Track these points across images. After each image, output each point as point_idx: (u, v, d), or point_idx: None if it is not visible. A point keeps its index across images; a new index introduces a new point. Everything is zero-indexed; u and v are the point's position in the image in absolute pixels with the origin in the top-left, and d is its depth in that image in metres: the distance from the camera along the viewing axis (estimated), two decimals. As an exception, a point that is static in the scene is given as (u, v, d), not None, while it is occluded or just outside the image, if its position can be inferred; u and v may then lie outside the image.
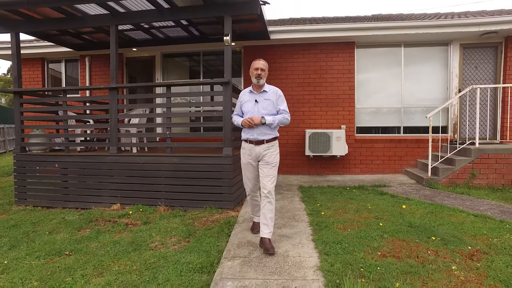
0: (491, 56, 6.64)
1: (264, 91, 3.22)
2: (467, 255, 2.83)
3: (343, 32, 6.46)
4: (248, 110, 3.21)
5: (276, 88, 3.30)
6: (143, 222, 4.06)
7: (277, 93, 3.25)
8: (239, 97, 3.39)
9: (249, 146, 3.21)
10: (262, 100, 3.19)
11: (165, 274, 2.66)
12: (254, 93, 3.24)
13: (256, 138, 3.15)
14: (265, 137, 3.15)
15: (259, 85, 3.22)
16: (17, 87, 5.03)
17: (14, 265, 2.93)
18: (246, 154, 3.26)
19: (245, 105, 3.26)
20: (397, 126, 6.98)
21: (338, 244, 3.08)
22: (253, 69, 3.20)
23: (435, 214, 3.98)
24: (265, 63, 3.25)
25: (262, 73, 3.18)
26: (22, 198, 5.08)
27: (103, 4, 4.38)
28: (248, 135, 3.19)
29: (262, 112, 3.15)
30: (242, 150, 3.31)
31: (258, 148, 3.16)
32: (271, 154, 3.17)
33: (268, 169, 3.14)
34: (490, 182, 5.34)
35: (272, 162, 3.16)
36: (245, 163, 3.30)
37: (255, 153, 3.18)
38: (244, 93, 3.34)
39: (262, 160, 3.18)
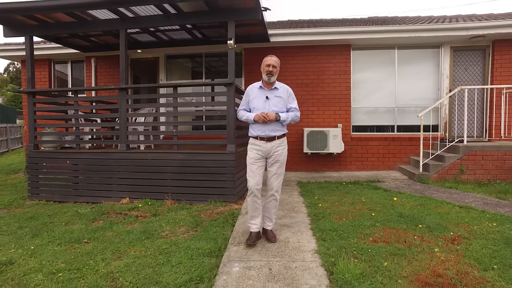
0: (479, 58, 6.98)
1: (275, 88, 3.19)
2: (449, 239, 3.15)
3: (340, 35, 6.78)
4: (257, 107, 3.15)
5: (286, 86, 3.28)
6: (152, 214, 4.35)
7: (288, 91, 3.24)
8: (247, 92, 3.30)
9: (259, 143, 3.16)
10: (273, 97, 3.15)
11: (178, 258, 2.95)
12: (264, 89, 3.19)
13: (267, 135, 3.12)
14: (276, 133, 3.15)
15: (270, 82, 3.17)
16: (31, 88, 5.30)
17: (39, 250, 3.21)
18: (255, 150, 3.20)
19: (254, 101, 3.19)
20: (391, 125, 7.31)
21: (334, 232, 3.39)
22: (265, 65, 3.13)
23: (424, 205, 4.30)
24: (277, 60, 3.17)
25: (274, 70, 3.11)
26: (35, 193, 5.35)
27: (114, 9, 4.65)
28: (259, 132, 3.14)
29: (273, 109, 3.11)
30: (252, 146, 3.23)
31: (270, 144, 3.14)
32: (281, 152, 3.19)
33: (277, 168, 3.19)
34: (477, 177, 5.68)
35: (282, 160, 3.19)
36: (253, 157, 3.20)
37: (265, 149, 3.15)
38: (253, 89, 3.25)
39: (272, 157, 3.18)
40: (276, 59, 3.18)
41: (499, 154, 5.65)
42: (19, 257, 3.06)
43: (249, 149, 3.27)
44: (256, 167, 3.19)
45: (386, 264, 2.65)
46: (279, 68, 3.20)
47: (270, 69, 3.09)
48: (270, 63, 3.11)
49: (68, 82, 8.21)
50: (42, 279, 2.62)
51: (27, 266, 2.85)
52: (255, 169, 3.19)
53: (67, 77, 8.24)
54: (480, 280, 2.38)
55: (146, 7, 4.68)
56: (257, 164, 3.19)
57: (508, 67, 6.66)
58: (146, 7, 4.70)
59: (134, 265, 2.84)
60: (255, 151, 3.19)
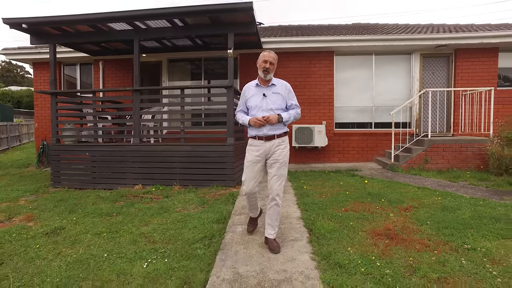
0: (444, 64, 8.00)
1: (273, 84, 2.98)
2: (402, 209, 4.07)
3: (324, 43, 7.69)
4: (255, 105, 2.95)
5: (285, 81, 3.06)
6: (164, 196, 5.17)
7: (286, 87, 3.02)
8: (244, 92, 3.09)
9: (258, 143, 2.95)
10: (271, 94, 2.94)
11: (192, 224, 3.79)
12: (261, 86, 2.98)
13: (266, 134, 2.91)
14: (276, 131, 2.92)
15: (267, 80, 2.96)
16: (53, 89, 6.03)
17: (80, 221, 4.01)
18: (254, 151, 2.99)
19: (251, 99, 2.99)
20: (369, 122, 8.27)
21: (315, 205, 4.28)
22: (262, 61, 2.91)
23: (389, 187, 5.24)
24: (275, 57, 2.95)
25: (270, 67, 2.89)
26: (57, 181, 6.09)
27: (130, 22, 5.44)
28: (257, 131, 2.93)
29: (272, 106, 2.91)
30: (250, 147, 3.03)
31: (269, 144, 2.93)
32: (281, 151, 2.94)
33: (277, 169, 2.92)
34: (438, 166, 6.66)
35: (283, 159, 2.93)
36: (251, 160, 2.99)
37: (264, 149, 2.94)
38: (249, 87, 3.05)
39: (272, 158, 2.94)
40: (274, 55, 2.96)
41: (457, 146, 6.65)
42: (66, 225, 3.85)
43: (247, 150, 3.07)
44: (253, 171, 2.99)
45: (352, 223, 3.55)
46: (276, 65, 2.98)
47: (267, 66, 2.88)
48: (267, 59, 2.89)
49: (77, 84, 8.90)
50: (91, 237, 3.43)
51: (75, 230, 3.65)
52: (252, 173, 2.99)
53: (76, 80, 8.93)
54: (415, 230, 3.30)
55: (158, 21, 5.48)
56: (255, 168, 2.99)
57: (467, 72, 7.69)
58: (158, 21, 5.50)
59: (159, 229, 3.67)
60: (253, 153, 2.99)
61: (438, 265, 2.57)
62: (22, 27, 5.38)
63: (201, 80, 8.53)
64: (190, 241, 3.26)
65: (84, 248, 3.15)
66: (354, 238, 3.17)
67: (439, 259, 2.66)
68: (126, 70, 8.53)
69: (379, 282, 2.34)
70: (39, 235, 3.53)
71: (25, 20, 5.25)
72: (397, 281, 2.34)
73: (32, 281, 2.54)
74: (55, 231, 3.63)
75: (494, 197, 4.49)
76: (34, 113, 8.94)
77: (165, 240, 3.31)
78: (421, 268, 2.52)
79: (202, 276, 2.53)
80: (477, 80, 7.64)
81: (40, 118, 8.80)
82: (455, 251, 2.83)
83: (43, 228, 3.72)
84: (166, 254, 2.96)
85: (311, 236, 3.27)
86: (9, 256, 3.01)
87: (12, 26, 5.36)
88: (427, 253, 2.78)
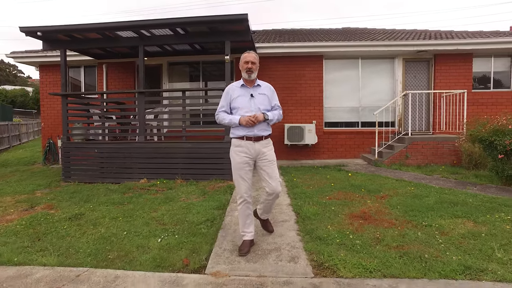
0: (425, 68, 8.66)
1: (258, 85, 3.04)
2: (379, 197, 4.68)
3: (314, 48, 8.29)
4: (242, 106, 2.95)
5: (267, 83, 3.15)
6: (168, 188, 5.72)
7: (271, 88, 3.11)
8: (227, 92, 3.05)
9: (246, 143, 2.94)
10: (258, 95, 2.99)
11: (196, 210, 4.35)
12: (247, 87, 3.00)
13: (256, 134, 2.93)
14: (264, 133, 2.98)
15: (251, 80, 2.99)
16: (64, 91, 6.54)
17: (96, 208, 4.54)
18: (242, 152, 2.95)
19: (237, 100, 2.97)
20: (356, 121, 8.89)
21: (303, 194, 4.87)
22: (243, 62, 2.95)
23: (371, 180, 5.85)
24: (256, 56, 2.98)
25: (253, 67, 2.92)
26: (67, 176, 6.59)
27: (136, 31, 5.97)
28: (246, 132, 2.93)
29: (260, 107, 2.96)
30: (237, 148, 2.98)
31: (258, 144, 2.95)
32: (270, 151, 3.04)
33: (272, 169, 3.00)
34: (418, 161, 7.30)
35: (273, 159, 3.05)
36: (241, 162, 2.95)
37: (254, 150, 2.95)
38: (234, 88, 3.03)
39: (263, 159, 2.98)
40: (255, 54, 2.99)
41: (434, 143, 7.30)
42: (85, 211, 4.38)
43: (235, 152, 3.00)
44: (244, 172, 2.97)
45: (333, 208, 4.15)
46: (258, 65, 3.01)
47: (249, 66, 2.91)
48: (249, 59, 2.93)
49: (82, 86, 9.39)
50: (109, 221, 3.97)
51: (94, 216, 4.19)
52: (244, 174, 2.97)
53: (80, 82, 9.42)
54: (386, 213, 3.91)
55: (161, 29, 6.02)
56: (246, 169, 2.97)
57: (446, 75, 8.36)
58: (161, 30, 6.04)
59: (167, 214, 4.22)
60: (242, 154, 2.95)
61: (399, 237, 3.18)
62: (37, 35, 5.88)
63: (199, 81, 9.08)
64: (195, 223, 3.83)
65: (105, 228, 3.70)
66: (334, 219, 3.76)
67: (400, 233, 3.27)
68: (128, 72, 9.04)
69: (350, 249, 2.93)
70: (63, 219, 4.06)
71: (40, 29, 5.75)
72: (364, 248, 2.94)
73: (68, 251, 3.09)
74: (76, 217, 4.16)
75: (459, 187, 5.13)
76: (41, 113, 9.41)
77: (173, 223, 3.87)
78: (385, 239, 3.12)
79: (207, 247, 3.10)
80: (454, 83, 8.30)
81: (47, 118, 9.27)
82: (414, 227, 3.44)
83: (65, 214, 4.26)
84: (176, 232, 3.52)
85: (298, 218, 3.86)
86: (43, 234, 3.55)
87: (28, 34, 5.86)
88: (392, 229, 3.38)
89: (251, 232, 3.05)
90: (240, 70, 3.05)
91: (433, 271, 2.48)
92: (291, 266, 2.66)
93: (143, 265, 2.77)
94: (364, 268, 2.55)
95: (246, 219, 3.04)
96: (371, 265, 2.60)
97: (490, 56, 8.38)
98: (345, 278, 2.44)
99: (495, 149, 5.03)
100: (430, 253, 2.78)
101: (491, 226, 3.35)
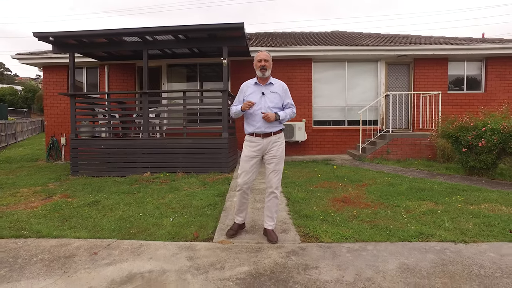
0: (406, 71, 9.40)
1: (271, 83, 3.13)
2: (359, 185, 5.35)
3: (304, 52, 8.94)
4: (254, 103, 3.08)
5: (281, 81, 3.22)
6: (171, 180, 6.29)
7: (283, 86, 3.19)
8: (242, 89, 3.23)
9: (255, 139, 3.11)
10: (269, 93, 3.09)
11: (199, 197, 4.94)
12: (259, 85, 3.13)
13: (263, 131, 3.07)
14: (272, 129, 3.09)
15: (265, 78, 3.10)
16: (73, 92, 7.03)
17: (110, 196, 5.09)
18: (251, 147, 3.13)
19: (250, 97, 3.11)
20: (343, 119, 9.58)
21: (293, 183, 5.52)
22: (257, 61, 3.06)
23: (354, 172, 6.53)
24: (268, 54, 3.08)
25: (266, 64, 3.03)
26: (75, 170, 7.10)
27: (141, 36, 6.52)
28: (255, 129, 3.09)
29: (270, 105, 3.07)
30: (248, 143, 3.18)
31: (266, 140, 3.09)
32: (278, 147, 3.13)
33: (275, 164, 3.11)
34: (397, 156, 8.02)
35: (280, 155, 3.13)
36: (248, 155, 3.14)
37: (262, 146, 3.10)
38: (248, 85, 3.19)
39: (269, 154, 3.11)
40: (268, 53, 3.10)
41: (413, 140, 8.03)
42: (100, 199, 4.93)
43: (245, 146, 3.21)
44: (249, 165, 3.12)
45: (319, 194, 4.80)
46: (271, 62, 3.13)
47: (263, 64, 3.03)
48: (262, 57, 3.05)
49: (84, 86, 9.85)
50: (124, 206, 4.53)
51: (109, 202, 4.74)
52: (248, 167, 3.13)
53: (82, 83, 9.87)
54: (364, 197, 4.58)
55: (164, 35, 6.58)
56: (250, 163, 3.13)
57: (424, 78, 9.11)
58: (164, 35, 6.60)
59: (174, 200, 4.81)
60: (250, 149, 3.13)
61: (372, 214, 3.84)
62: (49, 40, 6.37)
63: (197, 82, 9.64)
64: (199, 207, 4.42)
65: (121, 212, 4.27)
66: (319, 202, 4.41)
67: (373, 212, 3.93)
68: (129, 74, 9.54)
69: (331, 224, 3.58)
70: (81, 206, 4.61)
71: (53, 34, 6.25)
72: (342, 223, 3.58)
73: (95, 228, 3.65)
74: (93, 203, 4.71)
75: (430, 177, 5.84)
76: (44, 112, 9.84)
77: (181, 207, 4.46)
78: (360, 216, 3.78)
79: (213, 224, 3.70)
80: (432, 85, 9.06)
81: (50, 116, 9.70)
82: (386, 207, 4.11)
83: (82, 202, 4.80)
84: (184, 214, 4.12)
85: (288, 202, 4.50)
86: (69, 217, 4.10)
87: (40, 39, 6.35)
88: (367, 209, 4.04)
89: (242, 217, 3.30)
90: (233, 72, 3.65)
91: (395, 237, 3.14)
92: (282, 236, 3.29)
93: (160, 238, 3.35)
94: (341, 236, 3.19)
95: (240, 205, 3.26)
96: (347, 233, 3.24)
97: (463, 61, 9.17)
98: (325, 243, 3.07)
99: (460, 143, 5.76)
100: (394, 225, 3.44)
101: (447, 206, 4.04)
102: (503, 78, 9.11)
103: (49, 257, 2.91)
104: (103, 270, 2.65)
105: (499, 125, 5.35)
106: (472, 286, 2.26)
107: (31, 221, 3.92)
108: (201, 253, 2.93)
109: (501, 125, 5.33)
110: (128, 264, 2.74)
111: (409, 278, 2.38)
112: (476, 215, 3.68)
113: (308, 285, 2.32)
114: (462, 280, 2.33)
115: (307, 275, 2.46)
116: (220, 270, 2.58)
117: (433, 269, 2.50)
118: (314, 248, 2.97)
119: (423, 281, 2.34)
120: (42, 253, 3.00)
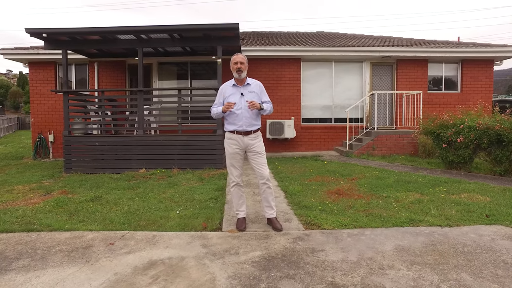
0: (389, 71, 9.89)
1: (248, 84, 3.33)
2: (350, 179, 5.70)
3: (292, 52, 9.24)
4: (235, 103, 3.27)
5: (257, 81, 3.44)
6: (168, 176, 6.41)
7: (260, 86, 3.41)
8: (221, 91, 3.42)
9: (236, 137, 3.32)
10: (247, 93, 3.29)
11: (200, 191, 5.12)
12: (237, 86, 3.31)
13: (244, 129, 3.29)
14: (252, 128, 3.33)
15: (241, 79, 3.29)
16: (66, 89, 7.00)
17: (111, 192, 5.18)
18: (233, 144, 3.35)
19: (230, 98, 3.30)
20: (330, 117, 9.97)
21: (288, 178, 5.79)
22: (233, 63, 3.24)
23: (343, 166, 6.89)
24: (244, 57, 3.26)
25: (242, 66, 3.22)
26: (69, 167, 7.08)
27: (136, 35, 6.59)
28: (236, 127, 3.30)
29: None
30: (229, 140, 3.38)
31: (246, 138, 3.31)
32: (258, 144, 3.36)
33: (260, 159, 3.35)
34: (382, 152, 8.47)
35: (261, 150, 3.37)
36: (232, 152, 3.36)
37: (243, 143, 3.31)
38: (227, 87, 3.37)
39: (251, 151, 3.34)
40: (243, 56, 3.29)
41: (396, 136, 8.50)
42: (101, 195, 5.01)
43: (227, 144, 3.40)
44: (235, 160, 3.38)
45: (314, 187, 5.10)
46: (247, 64, 3.32)
47: (239, 66, 3.22)
48: (237, 60, 3.23)
49: (73, 83, 9.73)
50: (127, 201, 4.65)
51: (111, 197, 4.85)
52: (235, 162, 3.39)
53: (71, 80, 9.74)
54: (356, 189, 4.92)
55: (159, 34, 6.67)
56: (237, 158, 3.37)
57: (406, 78, 9.63)
58: (159, 34, 6.69)
59: (176, 194, 4.97)
60: (233, 145, 3.35)
61: (365, 205, 4.16)
62: (42, 36, 6.33)
63: (188, 79, 9.75)
64: (202, 200, 4.61)
65: (126, 206, 4.39)
66: (315, 194, 4.70)
67: (366, 202, 4.26)
68: (119, 71, 9.52)
69: (329, 213, 3.87)
70: (84, 201, 4.69)
71: (46, 31, 6.21)
72: (340, 212, 3.88)
73: (104, 221, 3.78)
74: (96, 198, 4.80)
75: (414, 171, 6.28)
76: (31, 109, 9.65)
77: (184, 200, 4.63)
78: (355, 206, 4.10)
79: (218, 215, 3.91)
80: (413, 85, 9.59)
81: (36, 113, 9.53)
82: (377, 198, 4.45)
83: (84, 197, 4.87)
84: (189, 206, 4.30)
85: (286, 194, 4.77)
86: (75, 211, 4.19)
87: (33, 35, 6.29)
88: (361, 200, 4.37)
89: (243, 211, 3.50)
90: (225, 71, 3.84)
91: (388, 223, 3.47)
92: (286, 224, 3.55)
93: (171, 229, 3.53)
94: (341, 223, 3.49)
95: (238, 199, 3.50)
96: (346, 221, 3.54)
97: (442, 62, 9.76)
98: (327, 230, 3.36)
99: (440, 140, 6.22)
100: (387, 213, 3.78)
101: (432, 196, 4.44)
102: (476, 79, 9.77)
103: (67, 248, 3.04)
104: (124, 258, 2.81)
105: (475, 123, 5.83)
106: (458, 261, 2.61)
107: (38, 216, 3.99)
108: (213, 241, 3.14)
109: (477, 123, 5.82)
110: (147, 252, 2.92)
111: (405, 256, 2.70)
112: (458, 203, 4.09)
113: (317, 265, 2.59)
114: (449, 257, 2.67)
115: (315, 257, 2.73)
116: (235, 255, 2.81)
117: (425, 249, 2.83)
118: (318, 234, 3.24)
119: (417, 258, 2.66)
120: (59, 244, 3.12)
